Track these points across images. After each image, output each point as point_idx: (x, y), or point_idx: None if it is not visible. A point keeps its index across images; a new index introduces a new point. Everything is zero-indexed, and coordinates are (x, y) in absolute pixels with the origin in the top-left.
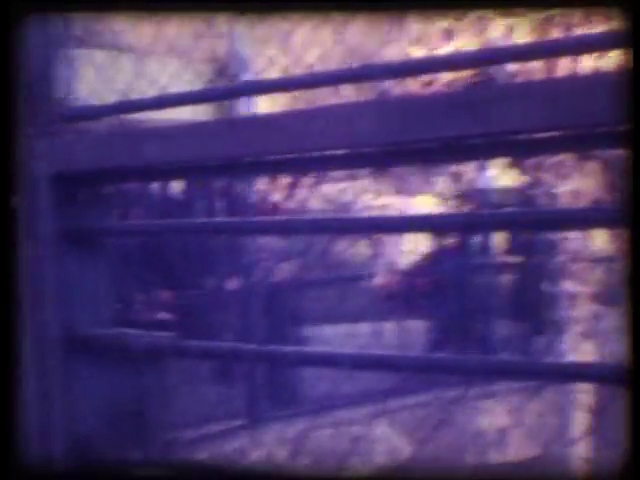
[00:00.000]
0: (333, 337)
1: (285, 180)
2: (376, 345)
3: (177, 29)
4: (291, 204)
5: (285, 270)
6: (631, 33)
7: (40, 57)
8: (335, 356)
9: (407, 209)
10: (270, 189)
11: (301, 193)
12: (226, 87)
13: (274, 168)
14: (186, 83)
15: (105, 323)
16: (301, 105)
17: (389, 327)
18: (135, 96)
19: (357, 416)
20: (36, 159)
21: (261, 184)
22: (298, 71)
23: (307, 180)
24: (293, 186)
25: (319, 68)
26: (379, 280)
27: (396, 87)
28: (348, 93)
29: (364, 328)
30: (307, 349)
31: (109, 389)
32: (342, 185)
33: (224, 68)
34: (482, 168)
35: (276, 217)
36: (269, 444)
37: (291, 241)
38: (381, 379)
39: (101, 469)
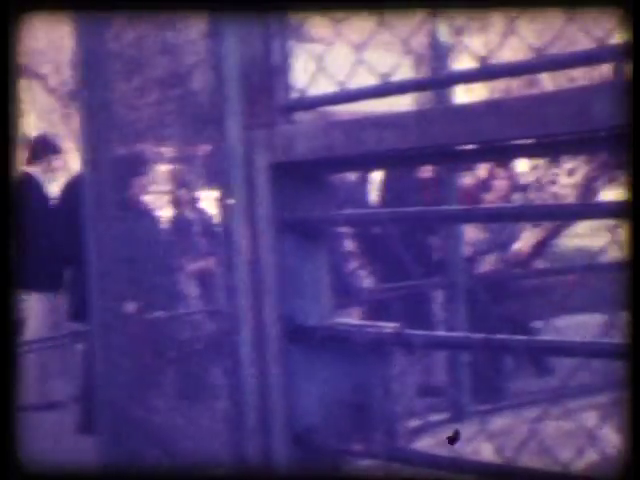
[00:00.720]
0: (564, 328)
1: (503, 167)
2: (611, 336)
3: (396, 21)
4: (510, 191)
5: (505, 260)
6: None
7: (258, 49)
8: (568, 345)
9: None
10: (487, 176)
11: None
12: (438, 76)
13: (497, 155)
14: (399, 73)
15: (326, 314)
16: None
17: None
18: (352, 86)
19: (568, 410)
20: (256, 149)
21: (478, 171)
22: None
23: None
24: (510, 173)
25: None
26: (607, 269)
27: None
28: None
29: (599, 319)
30: (537, 338)
31: (329, 380)
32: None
33: (433, 58)
34: None
35: (497, 204)
36: (473, 438)
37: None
38: (599, 371)
39: (322, 460)
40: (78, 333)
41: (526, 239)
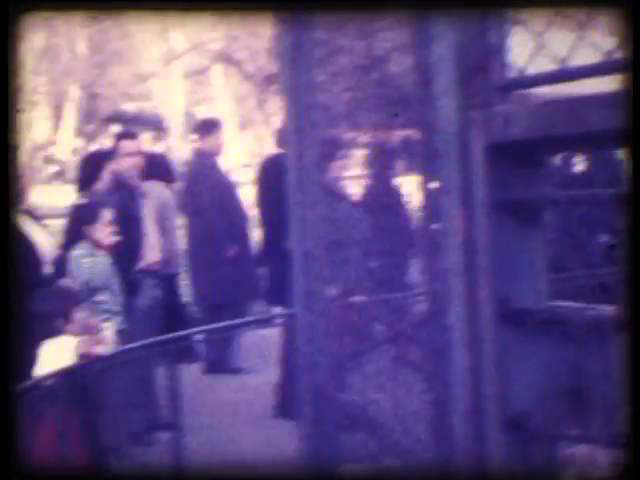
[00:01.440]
0: None
1: None
2: None
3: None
4: None
5: None
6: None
7: (473, 29)
8: None
9: None
10: None
11: None
12: None
13: None
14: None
15: (541, 296)
16: None
17: None
18: (571, 64)
19: None
20: (472, 130)
21: None
22: None
23: None
24: None
25: None
26: None
27: None
28: None
29: None
30: None
31: (544, 363)
32: None
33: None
34: None
35: None
36: None
37: None
38: None
39: (536, 446)
40: (278, 316)
41: None
